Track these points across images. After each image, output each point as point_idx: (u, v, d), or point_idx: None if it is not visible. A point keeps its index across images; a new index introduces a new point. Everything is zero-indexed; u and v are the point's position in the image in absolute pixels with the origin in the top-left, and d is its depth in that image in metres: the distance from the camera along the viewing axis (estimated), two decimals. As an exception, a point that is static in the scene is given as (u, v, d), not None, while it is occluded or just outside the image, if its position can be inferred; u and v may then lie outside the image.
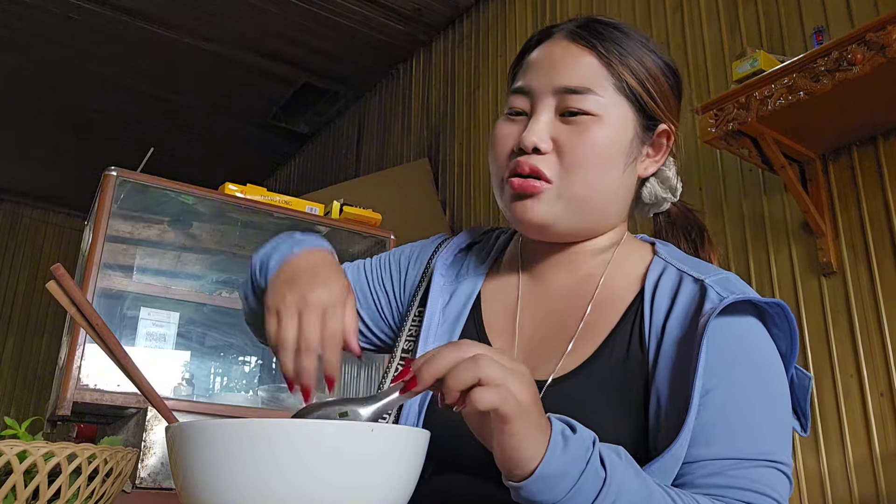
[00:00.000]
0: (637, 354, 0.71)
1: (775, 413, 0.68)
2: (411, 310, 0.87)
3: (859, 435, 1.71)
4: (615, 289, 0.78)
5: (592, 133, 0.74)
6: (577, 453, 0.55)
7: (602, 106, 0.75)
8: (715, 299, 0.69)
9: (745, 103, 1.73)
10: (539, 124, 0.75)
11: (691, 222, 0.89)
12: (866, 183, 1.82)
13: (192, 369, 2.24)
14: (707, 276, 0.73)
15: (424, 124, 3.82)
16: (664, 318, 0.72)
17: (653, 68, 0.79)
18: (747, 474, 0.64)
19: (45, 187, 6.17)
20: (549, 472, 0.54)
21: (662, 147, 0.82)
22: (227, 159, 5.56)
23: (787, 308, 0.70)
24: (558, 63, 0.77)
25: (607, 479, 0.55)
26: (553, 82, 0.76)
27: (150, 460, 1.83)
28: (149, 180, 2.20)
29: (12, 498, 0.60)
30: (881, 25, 1.51)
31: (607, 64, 0.76)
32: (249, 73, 4.42)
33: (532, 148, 0.75)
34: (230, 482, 0.49)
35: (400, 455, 0.52)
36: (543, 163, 0.75)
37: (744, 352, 0.68)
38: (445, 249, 0.91)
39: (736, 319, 0.69)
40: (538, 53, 0.80)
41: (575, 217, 0.76)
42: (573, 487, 0.54)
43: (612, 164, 0.76)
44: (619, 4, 2.70)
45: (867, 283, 1.77)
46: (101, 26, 3.95)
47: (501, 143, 0.79)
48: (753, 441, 0.65)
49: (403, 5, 3.68)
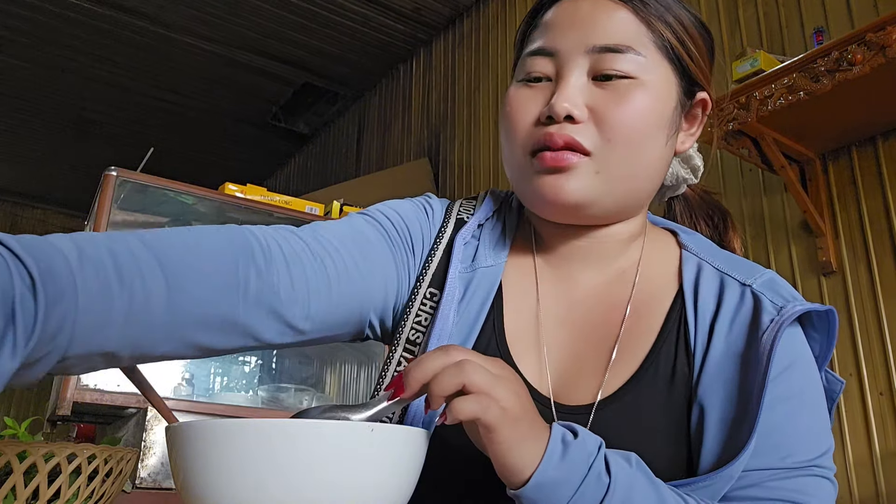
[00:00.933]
0: (684, 369, 0.64)
1: (817, 420, 0.62)
2: (418, 291, 0.71)
3: (859, 434, 1.71)
4: (652, 289, 0.69)
5: (634, 98, 0.64)
6: (578, 459, 0.52)
7: (643, 67, 0.65)
8: (772, 310, 0.63)
9: (745, 103, 1.73)
10: (572, 88, 0.64)
11: (713, 206, 0.82)
12: (866, 183, 1.82)
13: (192, 369, 2.24)
14: (752, 280, 0.66)
15: (425, 124, 3.82)
16: (710, 323, 0.65)
17: (691, 27, 0.69)
18: (788, 485, 0.58)
19: (44, 188, 6.17)
20: (545, 480, 0.51)
21: (697, 118, 0.72)
22: (227, 159, 5.56)
23: (836, 316, 0.64)
24: (590, 18, 0.66)
25: (611, 485, 0.52)
26: (585, 40, 0.65)
27: (150, 460, 1.83)
28: (149, 180, 2.20)
29: (12, 498, 0.60)
30: (881, 26, 1.51)
31: (645, 19, 0.66)
32: (249, 73, 4.42)
33: (564, 116, 0.63)
34: (230, 482, 0.49)
35: (400, 455, 0.52)
36: (580, 133, 0.64)
37: (791, 362, 0.63)
38: (469, 223, 0.75)
39: (786, 329, 0.63)
40: (559, 10, 0.68)
41: (613, 195, 0.66)
42: (574, 495, 0.51)
43: (657, 134, 0.66)
44: (619, 4, 2.70)
45: (867, 283, 1.77)
46: (100, 26, 3.95)
47: (522, 111, 0.67)
48: (796, 451, 0.59)
49: (403, 5, 3.68)
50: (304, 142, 5.29)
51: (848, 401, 1.75)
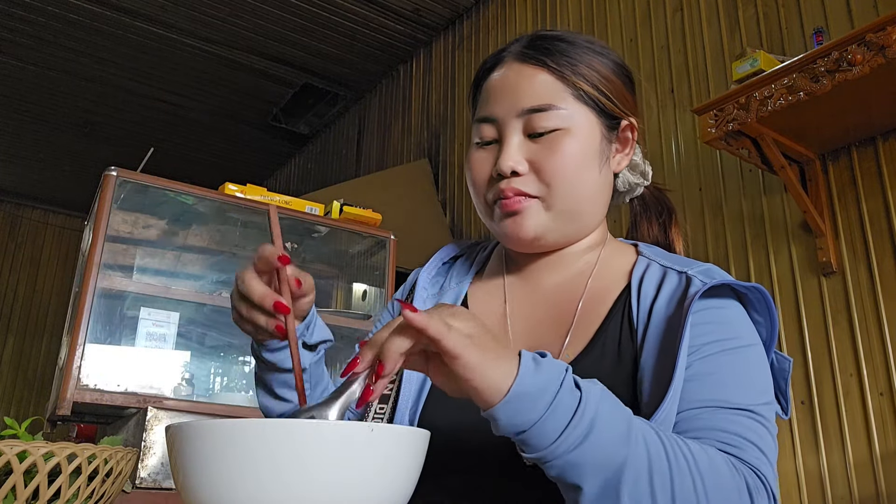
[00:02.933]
0: (628, 343, 0.74)
1: (757, 375, 0.70)
2: None
3: (859, 434, 1.71)
4: (604, 285, 0.81)
5: (564, 146, 0.77)
6: (551, 373, 0.56)
7: (566, 118, 0.78)
8: (699, 284, 0.72)
9: (744, 104, 1.73)
10: (511, 148, 0.78)
11: (662, 203, 0.93)
12: (866, 183, 1.82)
13: (192, 369, 2.24)
14: (690, 268, 0.76)
15: (424, 125, 3.82)
16: (650, 305, 0.75)
17: (604, 70, 0.81)
18: (726, 419, 0.65)
19: (44, 188, 6.17)
20: (524, 391, 0.54)
21: (629, 141, 0.85)
22: (227, 160, 5.56)
23: (766, 293, 0.73)
24: (515, 86, 0.80)
25: (583, 397, 0.56)
26: (515, 106, 0.79)
27: (150, 460, 1.83)
28: (149, 180, 2.20)
29: (12, 498, 0.60)
30: (881, 26, 1.51)
31: (561, 77, 0.79)
32: (250, 75, 4.42)
33: (510, 172, 0.77)
34: (230, 482, 0.49)
35: (400, 455, 0.52)
36: (524, 183, 0.78)
37: (725, 331, 0.71)
38: (429, 263, 0.93)
39: (719, 302, 0.73)
40: (493, 81, 0.82)
41: (563, 225, 0.80)
42: (552, 403, 0.54)
43: (589, 169, 0.79)
44: (620, 6, 2.70)
45: (867, 283, 1.77)
46: (101, 28, 3.96)
47: (478, 170, 0.82)
48: (733, 394, 0.67)
49: (403, 6, 3.68)
50: (304, 143, 5.29)
51: (848, 401, 1.75)
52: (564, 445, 0.54)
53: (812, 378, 1.83)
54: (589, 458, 0.55)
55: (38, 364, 6.14)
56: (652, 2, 2.56)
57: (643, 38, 2.56)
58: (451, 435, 0.72)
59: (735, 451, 0.64)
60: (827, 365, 1.81)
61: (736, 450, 0.64)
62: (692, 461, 0.58)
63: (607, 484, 0.55)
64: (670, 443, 0.59)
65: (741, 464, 0.63)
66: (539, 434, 0.54)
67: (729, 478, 0.60)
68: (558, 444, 0.54)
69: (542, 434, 0.54)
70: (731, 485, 0.60)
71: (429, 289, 0.90)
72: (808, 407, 1.82)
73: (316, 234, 2.63)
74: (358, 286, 2.80)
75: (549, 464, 0.55)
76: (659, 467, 0.57)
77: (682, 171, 2.27)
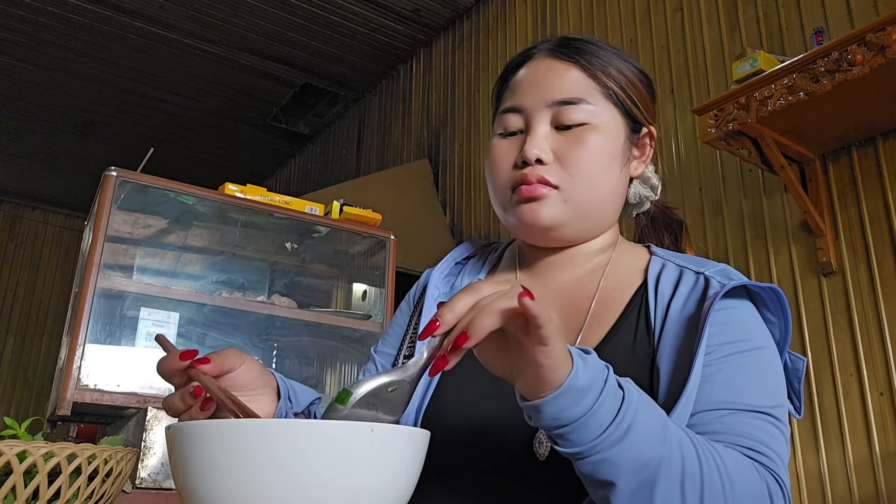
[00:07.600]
0: (644, 340, 0.74)
1: (770, 378, 0.71)
2: (411, 322, 0.91)
3: (859, 434, 1.71)
4: (618, 283, 0.81)
5: (590, 140, 0.79)
6: (597, 370, 0.57)
7: (594, 114, 0.79)
8: (717, 286, 0.73)
9: (744, 104, 1.73)
10: (538, 137, 0.79)
11: (670, 217, 0.94)
12: (866, 183, 1.82)
13: (192, 370, 2.23)
14: (706, 269, 0.77)
15: (425, 125, 3.82)
16: (667, 304, 0.75)
17: (631, 76, 0.84)
18: (741, 422, 0.66)
19: (44, 188, 6.17)
20: (576, 385, 0.54)
21: (646, 148, 0.87)
22: (227, 160, 5.56)
23: (782, 293, 0.73)
24: (546, 79, 0.81)
25: (625, 396, 0.57)
26: (546, 97, 0.80)
27: (150, 460, 1.83)
28: (149, 180, 2.20)
29: (12, 498, 0.60)
30: (881, 26, 1.51)
31: (592, 75, 0.81)
32: (250, 75, 4.42)
33: (535, 160, 0.78)
34: (230, 482, 0.49)
35: (400, 455, 0.52)
36: (547, 172, 0.78)
37: (739, 332, 0.72)
38: (441, 263, 0.93)
39: (733, 302, 0.74)
40: (523, 74, 0.84)
41: (578, 220, 0.80)
42: (598, 399, 0.55)
43: (610, 167, 0.80)
44: (620, 6, 2.70)
45: (867, 283, 1.77)
46: (101, 28, 3.96)
47: (502, 159, 0.82)
48: (747, 397, 0.68)
49: (403, 6, 3.68)
50: (304, 143, 5.29)
51: (848, 401, 1.75)
52: (606, 443, 0.55)
53: (812, 378, 1.83)
54: (627, 455, 0.56)
55: (38, 364, 6.14)
56: (652, 2, 2.56)
57: (643, 38, 2.56)
58: (457, 433, 0.72)
59: (756, 456, 0.65)
60: (827, 365, 1.81)
61: (757, 454, 0.65)
62: (721, 464, 0.60)
63: (642, 482, 0.56)
64: (701, 445, 0.60)
65: (762, 467, 0.64)
66: (582, 429, 0.55)
67: (754, 482, 0.62)
68: (600, 441, 0.55)
69: (586, 430, 0.55)
70: (756, 489, 0.62)
71: (440, 288, 0.90)
72: (809, 407, 1.82)
73: (316, 234, 2.63)
74: (358, 286, 2.80)
75: (586, 459, 0.56)
76: (691, 468, 0.58)
77: (682, 171, 2.27)
